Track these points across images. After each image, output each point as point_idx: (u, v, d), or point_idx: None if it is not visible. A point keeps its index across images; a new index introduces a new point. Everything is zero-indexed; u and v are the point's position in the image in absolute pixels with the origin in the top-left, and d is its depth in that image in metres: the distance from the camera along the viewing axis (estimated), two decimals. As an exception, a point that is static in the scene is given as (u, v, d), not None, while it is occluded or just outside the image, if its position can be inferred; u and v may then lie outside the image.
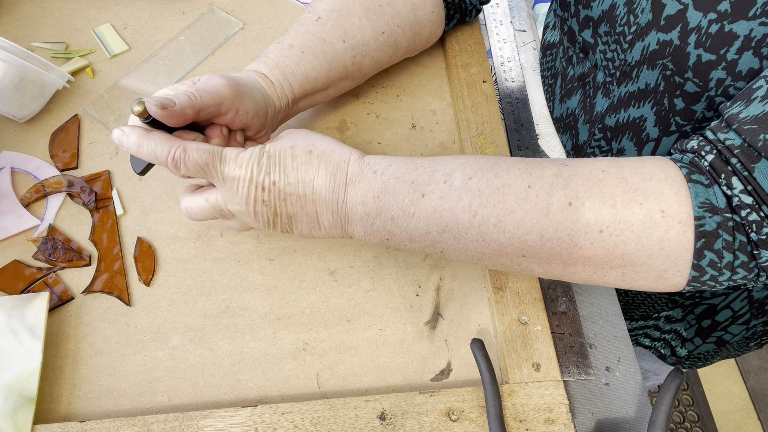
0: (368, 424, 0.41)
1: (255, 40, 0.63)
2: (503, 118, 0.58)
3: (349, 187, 0.40)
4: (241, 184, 0.39)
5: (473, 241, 0.38)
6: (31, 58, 0.53)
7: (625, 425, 0.43)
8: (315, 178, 0.40)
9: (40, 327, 0.44)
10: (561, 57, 0.59)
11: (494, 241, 0.38)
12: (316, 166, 0.40)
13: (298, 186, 0.40)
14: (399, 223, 0.39)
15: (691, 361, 0.69)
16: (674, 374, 0.41)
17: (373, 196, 0.39)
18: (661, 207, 0.34)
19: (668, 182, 0.35)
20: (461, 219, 0.37)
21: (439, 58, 0.62)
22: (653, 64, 0.44)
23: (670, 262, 0.35)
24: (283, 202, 0.40)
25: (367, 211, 0.40)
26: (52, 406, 0.43)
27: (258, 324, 0.47)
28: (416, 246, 0.41)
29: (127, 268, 0.49)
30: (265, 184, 0.39)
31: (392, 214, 0.39)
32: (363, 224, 0.40)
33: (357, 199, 0.39)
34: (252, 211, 0.40)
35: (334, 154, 0.40)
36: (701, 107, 0.42)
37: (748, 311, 0.57)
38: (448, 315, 0.47)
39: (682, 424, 1.40)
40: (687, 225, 0.34)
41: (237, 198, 0.40)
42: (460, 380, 0.45)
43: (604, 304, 0.48)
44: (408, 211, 0.39)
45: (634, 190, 0.35)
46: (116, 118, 0.57)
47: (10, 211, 0.51)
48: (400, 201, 0.39)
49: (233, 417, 0.41)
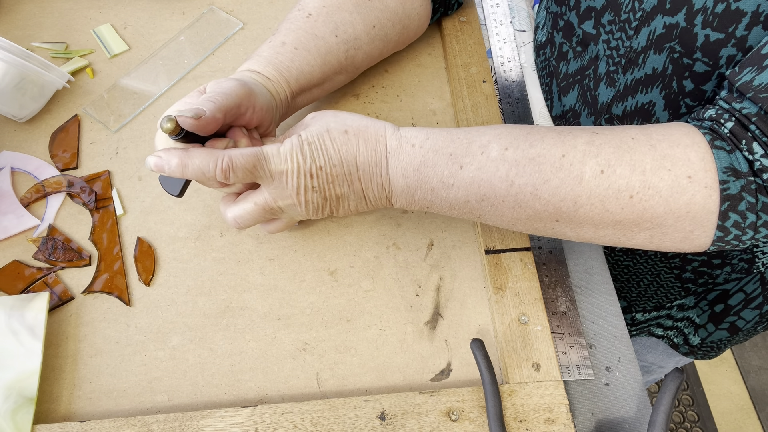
0: (368, 424, 0.41)
1: (255, 40, 0.63)
2: (503, 118, 0.58)
3: (391, 159, 0.41)
4: (290, 177, 0.40)
5: (510, 208, 0.40)
6: (31, 58, 0.53)
7: (625, 425, 0.43)
8: (357, 155, 0.41)
9: (40, 327, 0.44)
10: (551, 56, 0.59)
11: (530, 208, 0.39)
12: (356, 144, 0.41)
13: (343, 166, 0.41)
14: (439, 194, 0.41)
15: (703, 350, 0.69)
16: (674, 374, 0.41)
17: (413, 169, 0.41)
18: (688, 173, 0.36)
19: (694, 149, 0.36)
20: (499, 188, 0.39)
21: (439, 58, 0.62)
22: (660, 48, 0.44)
23: (696, 223, 0.37)
24: (331, 185, 0.41)
25: (407, 183, 0.41)
26: (52, 406, 0.43)
27: (258, 324, 0.47)
28: (455, 213, 0.43)
29: (127, 268, 0.49)
30: (312, 170, 0.41)
31: (432, 186, 0.41)
32: (404, 194, 0.42)
33: (398, 172, 0.41)
34: (303, 200, 0.42)
35: (369, 129, 0.42)
36: (711, 86, 0.43)
37: (761, 293, 0.58)
38: (448, 315, 0.47)
39: (682, 424, 1.40)
40: (713, 189, 0.36)
41: (287, 191, 0.41)
42: (460, 380, 0.45)
43: (604, 304, 0.48)
44: (447, 182, 0.40)
45: (662, 156, 0.37)
46: (116, 118, 0.57)
47: (10, 211, 0.51)
48: (439, 173, 0.40)
49: (233, 417, 0.41)
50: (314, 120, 0.42)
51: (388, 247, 0.51)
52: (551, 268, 0.49)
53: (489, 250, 0.49)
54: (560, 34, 0.56)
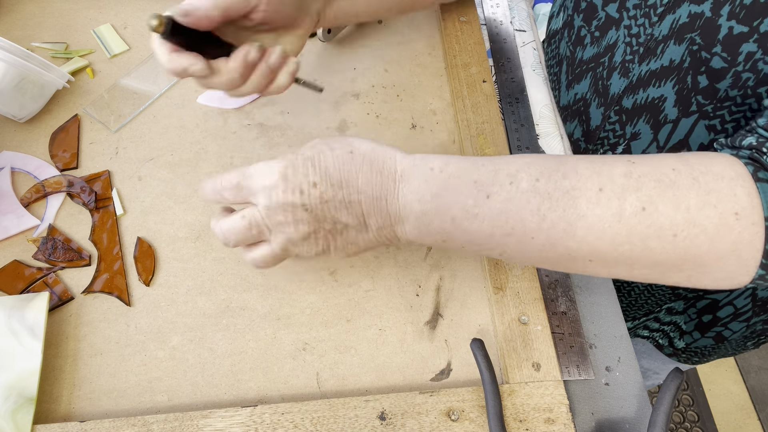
0: (368, 424, 0.41)
1: (255, 40, 0.63)
2: (503, 118, 0.58)
3: (401, 183, 0.37)
4: (275, 191, 0.37)
5: (539, 247, 0.37)
6: (31, 58, 0.53)
7: (625, 425, 0.43)
8: (359, 177, 0.37)
9: (40, 327, 0.44)
10: (567, 41, 0.58)
11: (562, 246, 0.36)
12: (359, 164, 0.37)
13: (342, 186, 0.37)
14: (460, 225, 0.37)
15: (687, 354, 0.69)
16: (674, 374, 0.41)
17: (432, 194, 0.37)
18: (735, 209, 0.34)
19: (739, 182, 0.34)
20: (529, 222, 0.36)
21: (439, 58, 0.62)
22: (681, 39, 0.43)
23: (740, 263, 0.35)
24: (325, 205, 0.37)
25: (424, 210, 0.37)
26: (52, 406, 0.43)
27: (258, 324, 0.47)
28: (474, 249, 0.39)
29: (127, 268, 0.49)
30: (303, 187, 0.37)
31: (453, 215, 0.37)
32: (418, 224, 0.38)
33: (412, 197, 0.37)
34: (291, 219, 0.37)
35: (377, 151, 0.38)
36: (725, 85, 0.42)
37: (750, 309, 0.57)
38: (448, 315, 0.47)
39: (682, 424, 1.40)
40: (759, 226, 0.33)
41: (273, 205, 0.37)
42: (460, 380, 0.45)
43: (604, 304, 0.48)
44: (471, 212, 0.36)
45: (707, 192, 0.34)
46: (116, 118, 0.57)
47: (10, 211, 0.51)
48: (462, 201, 0.36)
49: (233, 417, 0.41)
50: (319, 141, 0.39)
51: (388, 247, 0.51)
52: (551, 268, 0.49)
53: (489, 250, 0.49)
54: (581, 17, 0.55)
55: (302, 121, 0.58)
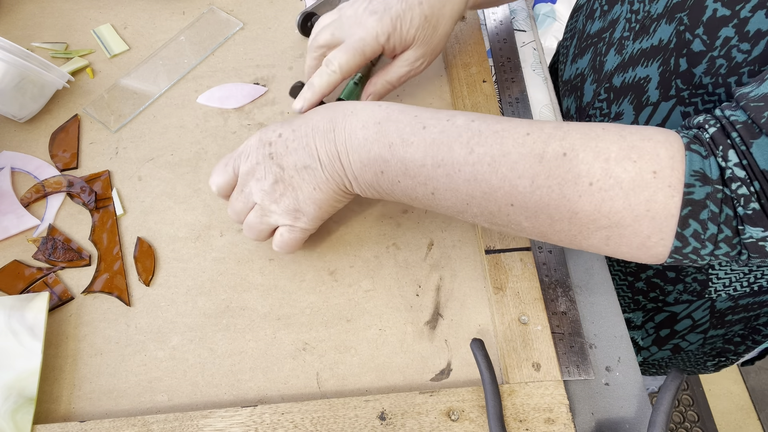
0: (368, 424, 0.41)
1: (255, 40, 0.63)
2: (503, 118, 0.58)
3: (351, 117, 0.42)
4: (252, 150, 0.44)
5: (465, 180, 0.38)
6: (31, 58, 0.53)
7: (625, 425, 0.43)
8: (314, 117, 0.43)
9: (40, 327, 0.44)
10: (584, 14, 0.58)
11: (485, 182, 0.38)
12: (317, 111, 0.44)
13: (300, 128, 0.43)
14: (396, 151, 0.40)
15: (645, 366, 0.69)
16: (674, 374, 0.41)
17: (374, 122, 0.41)
18: (654, 168, 0.34)
19: (666, 146, 0.35)
20: (457, 154, 0.38)
21: (439, 58, 0.62)
22: (672, 18, 0.44)
23: (655, 226, 0.35)
24: (285, 150, 0.43)
25: (366, 136, 0.41)
26: (52, 406, 0.43)
27: (258, 324, 0.47)
28: (408, 183, 0.41)
29: (127, 268, 0.49)
30: (272, 139, 0.43)
31: (391, 141, 0.40)
32: (360, 151, 0.41)
33: (357, 124, 0.41)
34: (262, 172, 0.43)
35: (335, 101, 0.44)
36: (701, 70, 0.42)
37: (708, 321, 0.57)
38: (448, 315, 0.47)
39: (682, 424, 1.40)
40: (676, 190, 0.34)
41: (250, 165, 0.43)
42: (460, 380, 0.45)
43: (604, 304, 0.48)
44: (407, 139, 0.40)
45: (630, 147, 0.35)
46: (116, 118, 0.57)
47: (10, 211, 0.51)
48: (401, 129, 0.40)
49: (233, 417, 0.41)
50: None
51: (388, 247, 0.51)
52: (551, 268, 0.49)
53: (489, 249, 0.49)
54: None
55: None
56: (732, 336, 0.59)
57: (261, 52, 0.62)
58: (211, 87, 0.59)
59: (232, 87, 0.59)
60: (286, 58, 0.62)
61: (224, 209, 0.52)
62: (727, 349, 0.61)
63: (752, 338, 0.58)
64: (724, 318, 0.56)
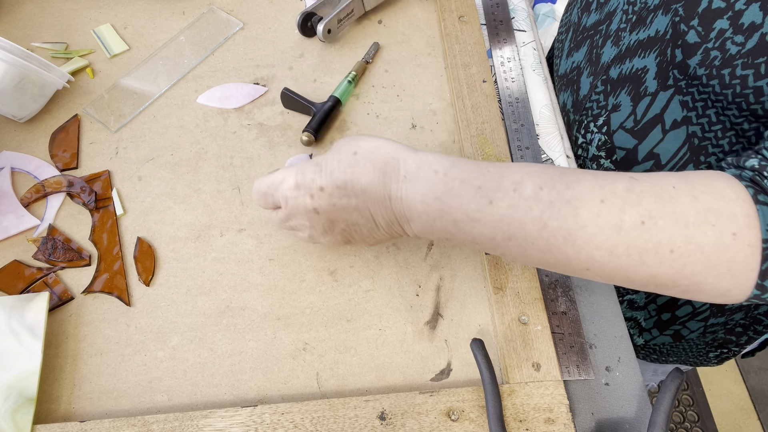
0: (368, 424, 0.41)
1: (255, 40, 0.63)
2: (503, 118, 0.58)
3: (405, 184, 0.39)
4: (291, 199, 0.41)
5: (539, 251, 0.37)
6: (31, 58, 0.53)
7: (625, 425, 0.43)
8: (362, 177, 0.39)
9: (40, 327, 0.44)
10: (578, 7, 0.58)
11: (561, 253, 0.37)
12: (363, 165, 0.39)
13: (346, 188, 0.39)
14: (462, 227, 0.38)
15: (646, 351, 0.70)
16: (674, 374, 0.41)
17: (434, 197, 0.38)
18: (733, 230, 0.34)
19: (739, 203, 0.34)
20: (530, 229, 0.37)
21: (438, 58, 0.62)
22: (668, 9, 0.44)
23: (735, 282, 0.35)
24: (334, 208, 0.40)
25: (426, 211, 0.38)
26: (52, 406, 0.43)
27: (258, 324, 0.47)
28: (477, 247, 0.41)
29: (127, 268, 0.49)
30: (312, 191, 0.40)
31: (455, 218, 0.38)
32: (422, 223, 0.39)
33: (416, 197, 0.38)
34: (308, 221, 0.42)
35: (380, 150, 0.40)
36: (695, 61, 0.42)
37: (708, 309, 0.58)
38: (448, 315, 0.47)
39: (682, 424, 1.40)
40: (755, 248, 0.34)
41: (291, 211, 0.42)
42: (460, 380, 0.45)
43: (604, 304, 0.48)
44: (473, 217, 0.37)
45: (706, 210, 0.34)
46: (116, 118, 0.57)
47: (10, 211, 0.51)
48: (464, 205, 0.37)
49: (233, 417, 0.41)
50: (334, 145, 0.42)
51: (388, 247, 0.51)
52: (551, 268, 0.49)
53: (489, 250, 0.49)
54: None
55: (302, 121, 0.58)
56: (733, 326, 0.59)
57: (261, 52, 0.62)
58: (211, 87, 0.59)
59: (232, 87, 0.59)
60: (286, 58, 0.62)
61: (224, 209, 0.52)
62: (728, 339, 0.61)
63: (753, 328, 0.58)
64: (724, 306, 0.56)
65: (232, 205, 0.53)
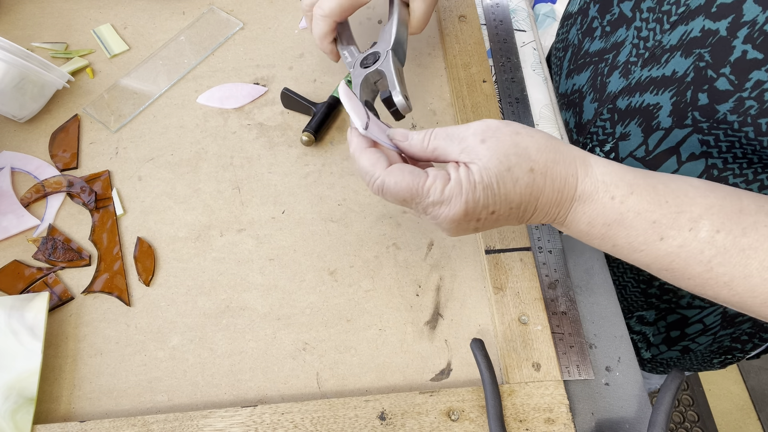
0: (368, 424, 0.41)
1: (255, 40, 0.63)
2: (503, 118, 0.58)
3: (577, 204, 0.37)
4: (448, 221, 0.36)
5: (691, 285, 0.37)
6: (31, 58, 0.53)
7: (625, 425, 0.43)
8: (540, 197, 0.36)
9: (40, 327, 0.44)
10: (578, 28, 0.57)
11: (713, 292, 0.36)
12: (541, 186, 0.36)
13: (519, 208, 0.37)
14: (620, 251, 0.37)
15: (652, 364, 0.69)
16: (674, 374, 0.41)
17: (603, 223, 0.36)
18: None
19: None
20: (693, 269, 0.36)
21: (439, 58, 0.62)
22: (689, 52, 0.42)
23: None
24: (495, 223, 0.38)
25: (589, 232, 0.37)
26: (52, 406, 0.43)
27: (258, 324, 0.47)
28: (617, 255, 0.39)
29: (127, 268, 0.49)
30: (481, 216, 0.36)
31: (616, 243, 0.37)
32: (575, 234, 0.39)
33: (583, 219, 0.37)
34: (454, 233, 0.38)
35: (559, 166, 0.36)
36: (726, 107, 0.41)
37: (719, 324, 0.57)
38: (448, 315, 0.47)
39: (682, 424, 1.40)
40: None
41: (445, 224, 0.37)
42: (460, 380, 0.45)
43: (604, 304, 0.48)
44: (637, 248, 0.36)
45: None
46: (116, 118, 0.57)
47: (10, 211, 0.51)
48: (632, 236, 0.36)
49: (233, 417, 0.41)
50: (487, 147, 0.36)
51: (388, 247, 0.51)
52: (551, 268, 0.49)
53: (489, 249, 0.49)
54: (596, 8, 0.54)
55: (302, 121, 0.58)
56: (740, 335, 0.59)
57: (261, 52, 0.62)
58: (211, 87, 0.59)
59: (232, 87, 0.59)
60: (286, 58, 0.62)
61: (224, 209, 0.52)
62: (734, 347, 0.61)
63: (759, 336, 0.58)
64: (735, 320, 0.56)
65: (232, 205, 0.53)
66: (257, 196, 0.53)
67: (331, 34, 0.51)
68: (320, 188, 0.54)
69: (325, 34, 0.50)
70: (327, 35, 0.51)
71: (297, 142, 0.56)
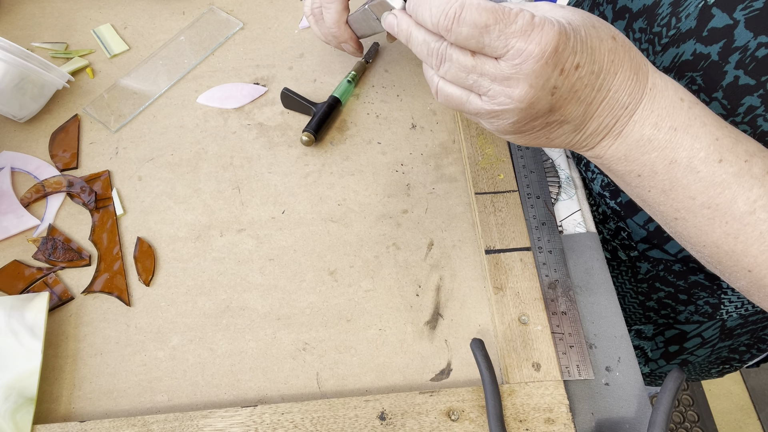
0: (368, 424, 0.41)
1: (255, 40, 0.63)
2: (503, 118, 0.58)
3: (647, 98, 0.33)
4: (534, 60, 0.30)
5: (724, 233, 0.33)
6: (31, 58, 0.53)
7: (625, 425, 0.43)
8: (618, 73, 0.32)
9: (40, 327, 0.44)
10: None
11: (743, 244, 0.33)
12: (621, 58, 0.32)
13: (599, 76, 0.32)
14: (673, 173, 0.33)
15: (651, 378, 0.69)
16: (674, 374, 0.41)
17: (671, 126, 0.32)
18: None
19: None
20: (737, 208, 0.32)
21: (439, 58, 0.62)
22: (682, 75, 0.41)
23: None
24: (572, 95, 0.32)
25: (653, 137, 0.33)
26: (52, 406, 0.43)
27: (258, 324, 0.47)
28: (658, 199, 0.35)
29: (127, 268, 0.49)
30: (566, 65, 0.31)
31: (675, 157, 0.33)
32: (633, 147, 0.34)
33: (650, 118, 0.33)
34: (530, 97, 0.31)
35: (634, 50, 0.33)
36: None
37: (717, 337, 0.57)
38: (448, 315, 0.47)
39: (682, 424, 1.40)
40: None
41: (518, 74, 0.30)
42: (460, 380, 0.45)
43: (604, 304, 0.48)
44: (695, 166, 0.32)
45: None
46: (116, 118, 0.57)
47: (10, 211, 0.51)
48: (695, 150, 0.32)
49: (233, 417, 0.41)
50: (567, 9, 0.33)
51: (388, 247, 0.51)
52: (551, 268, 0.49)
53: (489, 249, 0.49)
54: None
55: (302, 121, 0.58)
56: (738, 346, 0.59)
57: (261, 52, 0.62)
58: (211, 87, 0.59)
59: (232, 87, 0.59)
60: (286, 58, 0.62)
61: (224, 209, 0.52)
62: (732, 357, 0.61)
63: (757, 347, 0.58)
64: (733, 332, 0.56)
65: (232, 205, 0.53)
66: (257, 196, 0.53)
67: (345, 13, 0.48)
68: (320, 188, 0.54)
69: (338, 17, 0.48)
70: (341, 17, 0.48)
71: (297, 142, 0.56)
